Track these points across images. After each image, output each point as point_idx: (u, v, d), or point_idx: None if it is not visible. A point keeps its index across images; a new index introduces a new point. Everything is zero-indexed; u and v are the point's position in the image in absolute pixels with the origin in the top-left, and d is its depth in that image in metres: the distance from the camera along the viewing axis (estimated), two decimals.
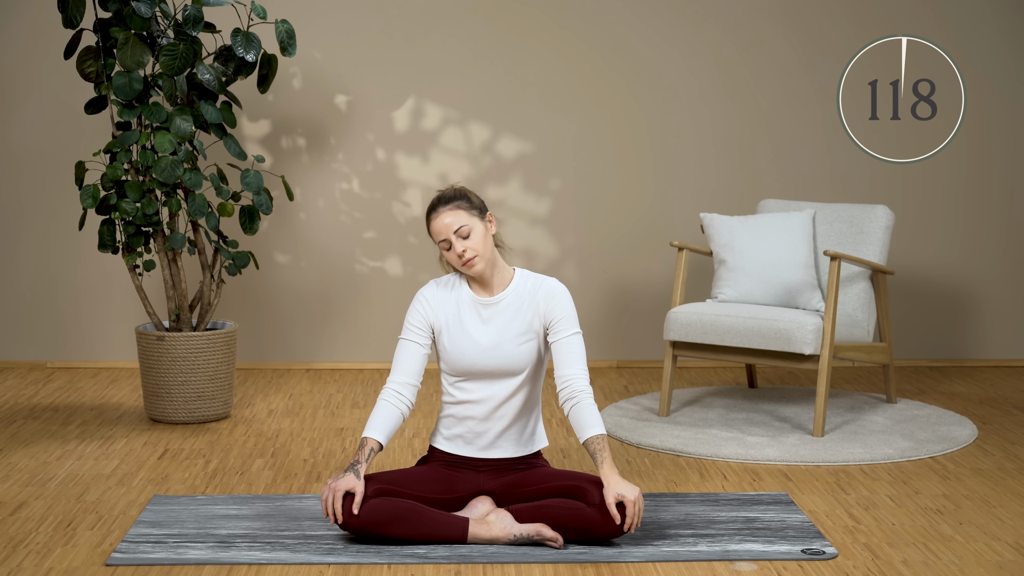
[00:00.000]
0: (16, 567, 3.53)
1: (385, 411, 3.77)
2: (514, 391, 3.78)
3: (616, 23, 6.16)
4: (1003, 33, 6.22)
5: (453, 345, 3.76)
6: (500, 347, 3.74)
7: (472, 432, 3.80)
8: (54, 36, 5.75)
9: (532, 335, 3.76)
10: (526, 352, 3.76)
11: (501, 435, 3.80)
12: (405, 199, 6.19)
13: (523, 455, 3.84)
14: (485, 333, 3.75)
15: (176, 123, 5.01)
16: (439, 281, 3.85)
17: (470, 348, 3.74)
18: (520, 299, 3.77)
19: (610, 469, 3.62)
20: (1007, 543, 3.75)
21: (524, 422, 3.83)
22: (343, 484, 3.61)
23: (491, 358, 3.74)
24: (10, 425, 5.09)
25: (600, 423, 3.69)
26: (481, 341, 3.74)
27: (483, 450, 3.81)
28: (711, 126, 6.23)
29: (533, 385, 3.81)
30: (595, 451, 3.67)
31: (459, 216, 3.72)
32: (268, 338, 6.23)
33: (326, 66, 6.12)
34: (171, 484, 4.31)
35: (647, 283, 6.26)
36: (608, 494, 3.59)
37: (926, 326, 6.34)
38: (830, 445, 4.77)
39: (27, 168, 6.12)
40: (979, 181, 6.29)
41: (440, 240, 3.73)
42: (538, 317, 3.76)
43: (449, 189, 3.79)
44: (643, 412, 5.26)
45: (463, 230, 3.71)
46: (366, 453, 3.69)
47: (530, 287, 3.79)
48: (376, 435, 3.73)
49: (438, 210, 3.75)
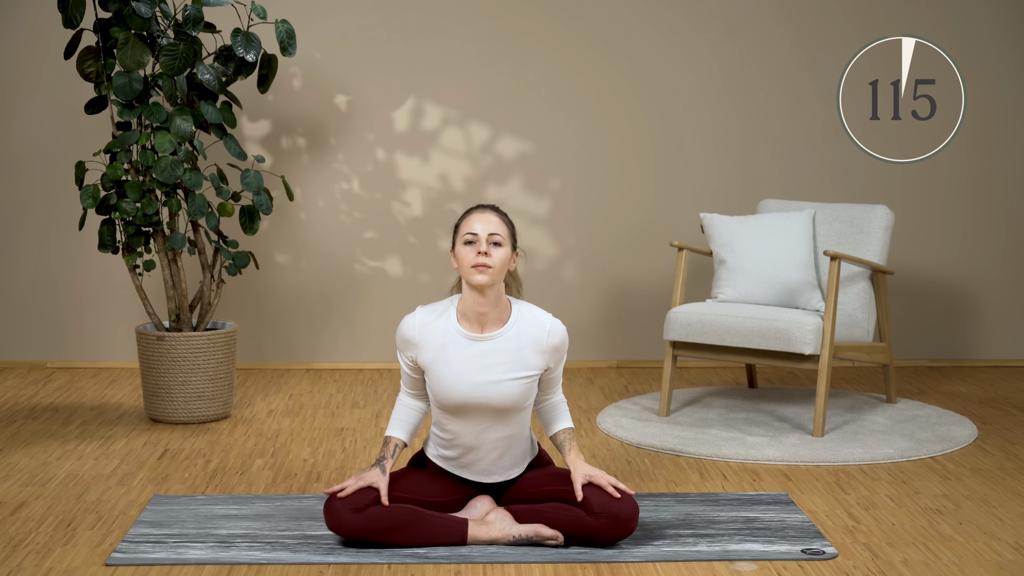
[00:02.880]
0: (16, 567, 3.53)
1: (403, 411, 3.77)
2: (506, 422, 3.70)
3: (616, 23, 6.16)
4: (1003, 33, 6.22)
5: (440, 384, 3.66)
6: (494, 386, 3.64)
7: (465, 457, 3.76)
8: (54, 36, 5.76)
9: (532, 374, 3.68)
10: (520, 388, 3.67)
11: (495, 463, 3.75)
12: (405, 199, 6.19)
13: (521, 474, 3.82)
14: (475, 371, 3.64)
15: (176, 123, 5.01)
16: (427, 309, 3.72)
17: (459, 386, 3.64)
18: (519, 338, 3.67)
19: (576, 455, 3.70)
20: (1007, 543, 3.75)
21: (518, 447, 3.77)
22: (368, 477, 3.63)
23: (482, 396, 3.64)
24: (10, 425, 5.09)
25: (570, 419, 3.79)
26: (471, 379, 3.64)
27: (479, 475, 3.78)
28: (711, 126, 6.23)
29: (526, 414, 3.74)
30: (563, 440, 3.75)
31: (499, 226, 3.64)
32: (268, 338, 6.23)
33: (326, 66, 6.12)
34: (171, 484, 4.31)
35: (647, 283, 6.26)
36: (576, 477, 3.64)
37: (926, 326, 6.34)
38: (830, 445, 4.77)
39: (27, 168, 6.12)
40: (979, 181, 6.29)
41: (469, 232, 3.61)
42: (542, 359, 3.69)
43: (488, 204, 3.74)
44: (643, 412, 5.26)
45: (495, 237, 3.62)
46: (391, 449, 3.70)
47: (532, 329, 3.68)
48: (399, 433, 3.74)
49: (484, 209, 3.67)
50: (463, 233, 3.64)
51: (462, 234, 3.64)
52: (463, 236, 3.63)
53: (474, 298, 3.64)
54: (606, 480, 3.64)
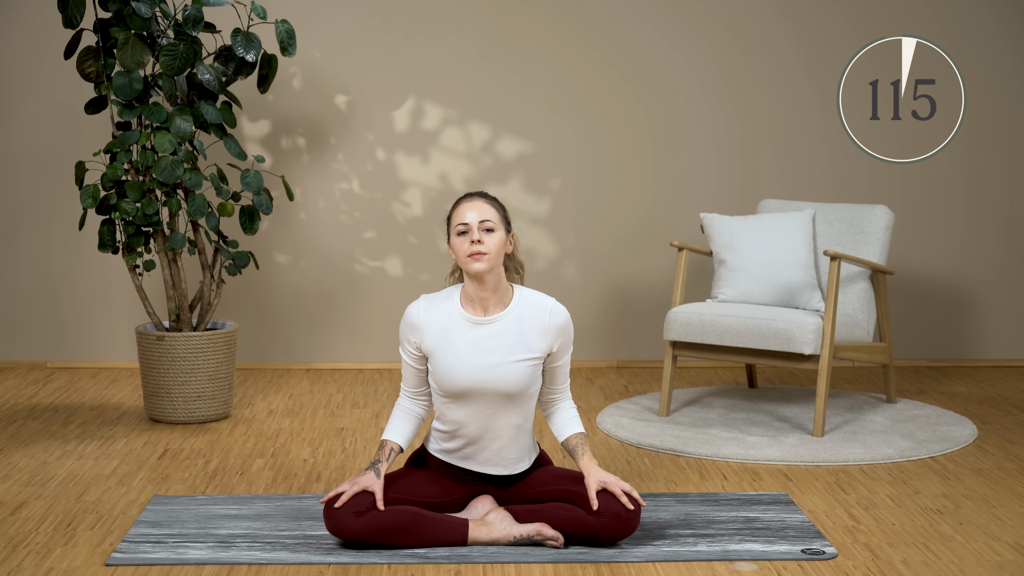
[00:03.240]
0: (16, 567, 3.53)
1: (401, 416, 3.77)
2: (508, 409, 3.70)
3: (616, 23, 6.16)
4: (1003, 33, 6.22)
5: (443, 368, 3.67)
6: (497, 368, 3.65)
7: (467, 448, 3.75)
8: (54, 36, 5.76)
9: (535, 357, 3.68)
10: (523, 371, 3.67)
11: (498, 452, 3.74)
12: (405, 199, 6.19)
13: (524, 470, 3.82)
14: (478, 354, 3.65)
15: (176, 123, 5.01)
16: (430, 296, 3.75)
17: (461, 370, 3.65)
18: (521, 320, 3.68)
19: (590, 460, 3.69)
20: (1007, 543, 3.75)
21: (521, 439, 3.77)
22: (363, 481, 3.62)
23: (485, 380, 3.65)
24: (10, 425, 5.09)
25: (581, 424, 3.79)
26: (473, 363, 3.65)
27: (482, 465, 3.78)
28: (711, 126, 6.23)
29: (529, 403, 3.74)
30: (575, 445, 3.73)
31: (489, 212, 3.66)
32: (268, 338, 6.23)
33: (326, 66, 6.12)
34: (171, 484, 4.31)
35: (647, 283, 6.26)
36: (590, 482, 3.63)
37: (926, 326, 6.34)
38: (830, 445, 4.77)
39: (27, 168, 6.12)
40: (979, 181, 6.29)
41: (461, 223, 3.64)
42: (545, 341, 3.69)
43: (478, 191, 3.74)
44: (643, 412, 5.26)
45: (487, 223, 3.64)
46: (386, 453, 3.69)
47: (535, 310, 3.69)
48: (395, 437, 3.73)
49: (472, 197, 3.68)
50: (455, 224, 3.67)
51: (454, 225, 3.67)
52: (456, 227, 3.66)
53: (475, 286, 3.67)
54: (619, 488, 3.64)
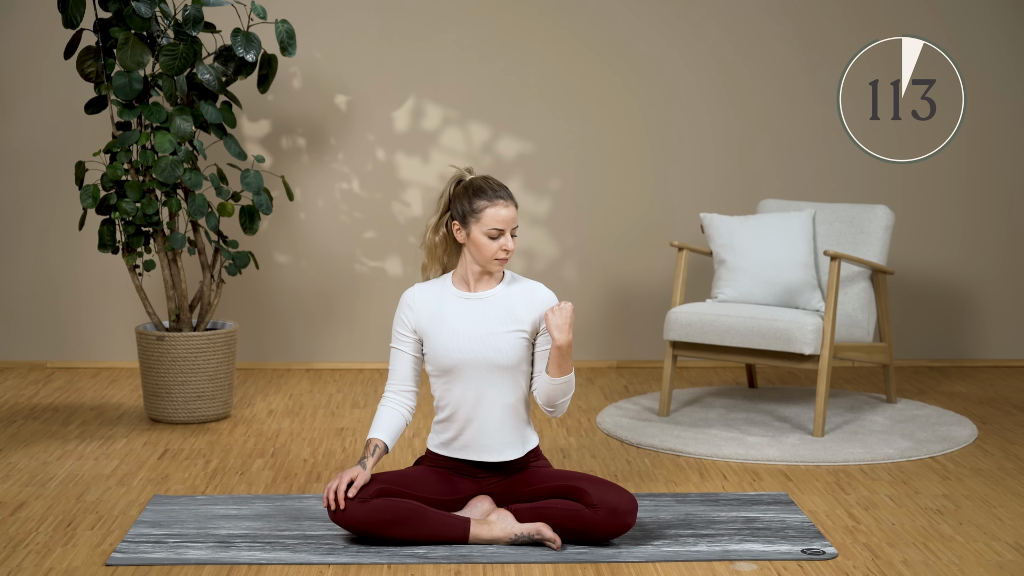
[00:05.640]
0: (16, 567, 3.53)
1: (386, 415, 3.78)
2: (501, 385, 3.73)
3: (616, 23, 6.16)
4: (1003, 33, 6.22)
5: (438, 341, 3.74)
6: (488, 338, 3.71)
7: (464, 433, 3.78)
8: (54, 36, 5.75)
9: (522, 329, 3.73)
10: (514, 343, 3.72)
11: (493, 435, 3.76)
12: (405, 199, 6.19)
13: (519, 457, 3.82)
14: (470, 324, 3.73)
15: (176, 123, 5.01)
16: (422, 285, 3.83)
17: (454, 341, 3.72)
18: (511, 296, 3.76)
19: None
20: (1007, 543, 3.75)
21: (515, 421, 3.79)
22: (348, 473, 3.64)
23: (477, 350, 3.70)
24: (10, 425, 5.09)
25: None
26: (466, 332, 3.72)
27: (479, 452, 3.80)
28: (711, 126, 6.23)
29: (521, 381, 3.77)
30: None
31: (516, 215, 3.72)
32: (268, 338, 6.23)
33: (326, 66, 6.12)
34: (171, 484, 4.31)
35: (647, 283, 6.26)
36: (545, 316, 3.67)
37: (926, 326, 6.34)
38: (830, 445, 4.77)
39: (27, 168, 6.12)
40: (979, 181, 6.29)
41: (495, 227, 3.67)
42: (532, 314, 3.74)
43: (497, 182, 3.74)
44: (643, 412, 5.26)
45: (516, 229, 3.73)
46: (371, 450, 3.71)
47: (522, 289, 3.78)
48: (381, 436, 3.74)
49: (503, 199, 3.70)
50: (488, 226, 3.68)
51: (485, 224, 3.68)
52: (487, 229, 3.68)
53: (479, 270, 3.76)
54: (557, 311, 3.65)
